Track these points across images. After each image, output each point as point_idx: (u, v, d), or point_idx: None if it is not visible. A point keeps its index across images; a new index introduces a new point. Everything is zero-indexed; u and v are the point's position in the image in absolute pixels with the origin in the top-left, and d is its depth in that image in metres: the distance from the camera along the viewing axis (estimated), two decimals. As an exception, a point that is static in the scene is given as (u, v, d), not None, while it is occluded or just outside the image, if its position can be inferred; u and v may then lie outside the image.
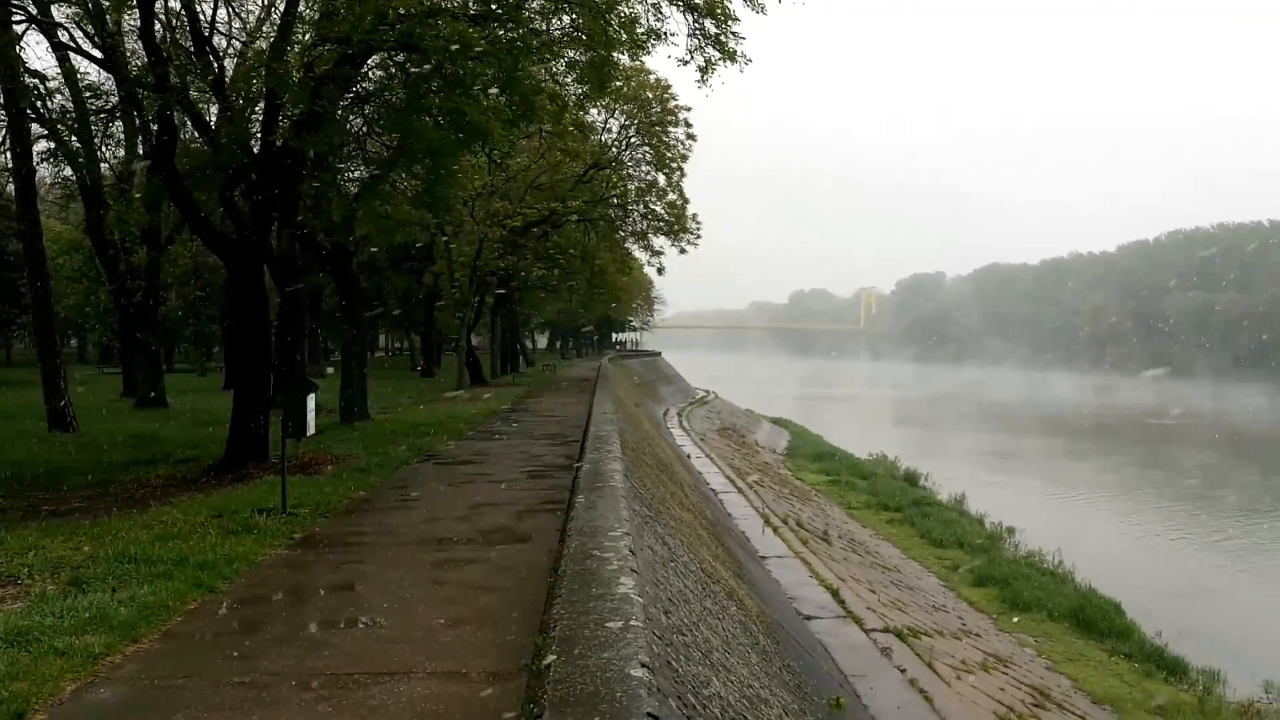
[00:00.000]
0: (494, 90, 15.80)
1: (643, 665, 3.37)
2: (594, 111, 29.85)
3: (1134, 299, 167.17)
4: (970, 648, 13.27)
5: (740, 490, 22.65)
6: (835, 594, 12.95)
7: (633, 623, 3.91)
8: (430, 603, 6.11)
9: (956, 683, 10.62)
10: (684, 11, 16.84)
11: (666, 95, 33.58)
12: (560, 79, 19.34)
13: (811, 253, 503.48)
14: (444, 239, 32.22)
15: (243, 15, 18.86)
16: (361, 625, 5.67)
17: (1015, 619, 16.47)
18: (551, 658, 3.52)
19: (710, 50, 16.94)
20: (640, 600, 4.34)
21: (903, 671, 10.02)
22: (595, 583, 4.67)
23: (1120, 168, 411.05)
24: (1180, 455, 57.13)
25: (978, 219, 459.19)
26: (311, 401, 9.95)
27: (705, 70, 17.17)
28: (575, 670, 3.34)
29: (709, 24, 16.69)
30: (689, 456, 27.58)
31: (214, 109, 15.90)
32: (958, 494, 30.31)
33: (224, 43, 17.39)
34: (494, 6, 15.38)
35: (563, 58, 18.11)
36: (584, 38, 16.52)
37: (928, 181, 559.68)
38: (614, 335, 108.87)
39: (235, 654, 5.07)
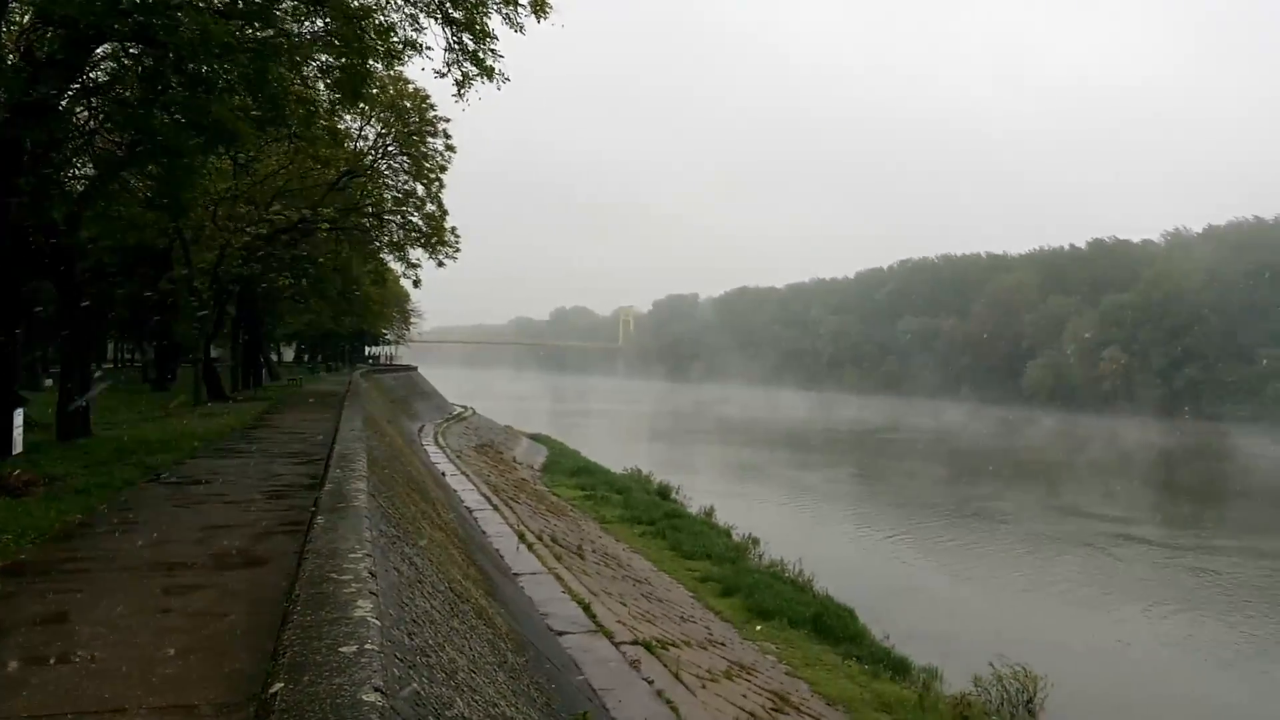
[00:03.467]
0: (239, 91, 15.00)
1: (376, 690, 3.25)
2: (349, 118, 28.94)
3: (869, 323, 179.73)
4: (716, 657, 13.72)
5: (496, 507, 22.47)
6: (587, 608, 13.06)
7: (368, 646, 3.77)
8: (154, 632, 5.65)
9: (702, 691, 10.93)
10: (442, 24, 16.68)
11: (425, 105, 32.99)
12: (312, 83, 18.63)
13: (574, 271, 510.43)
14: (180, 244, 30.17)
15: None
16: (74, 660, 5.14)
17: (759, 627, 17.21)
18: (279, 685, 3.33)
19: (468, 65, 16.85)
20: (378, 623, 4.20)
21: (651, 683, 10.21)
22: (331, 606, 4.47)
23: (858, 200, 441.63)
24: (901, 466, 62.22)
25: (729, 243, 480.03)
26: (19, 417, 9.03)
27: (462, 84, 17.06)
28: (304, 698, 3.17)
29: (467, 39, 16.60)
30: (444, 474, 27.10)
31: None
32: (707, 506, 31.43)
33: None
34: (241, 4, 14.62)
35: (315, 62, 17.48)
36: (337, 43, 16.02)
37: (682, 206, 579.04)
38: (368, 349, 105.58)
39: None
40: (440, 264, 37.09)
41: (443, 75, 17.21)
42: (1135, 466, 67.33)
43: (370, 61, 16.65)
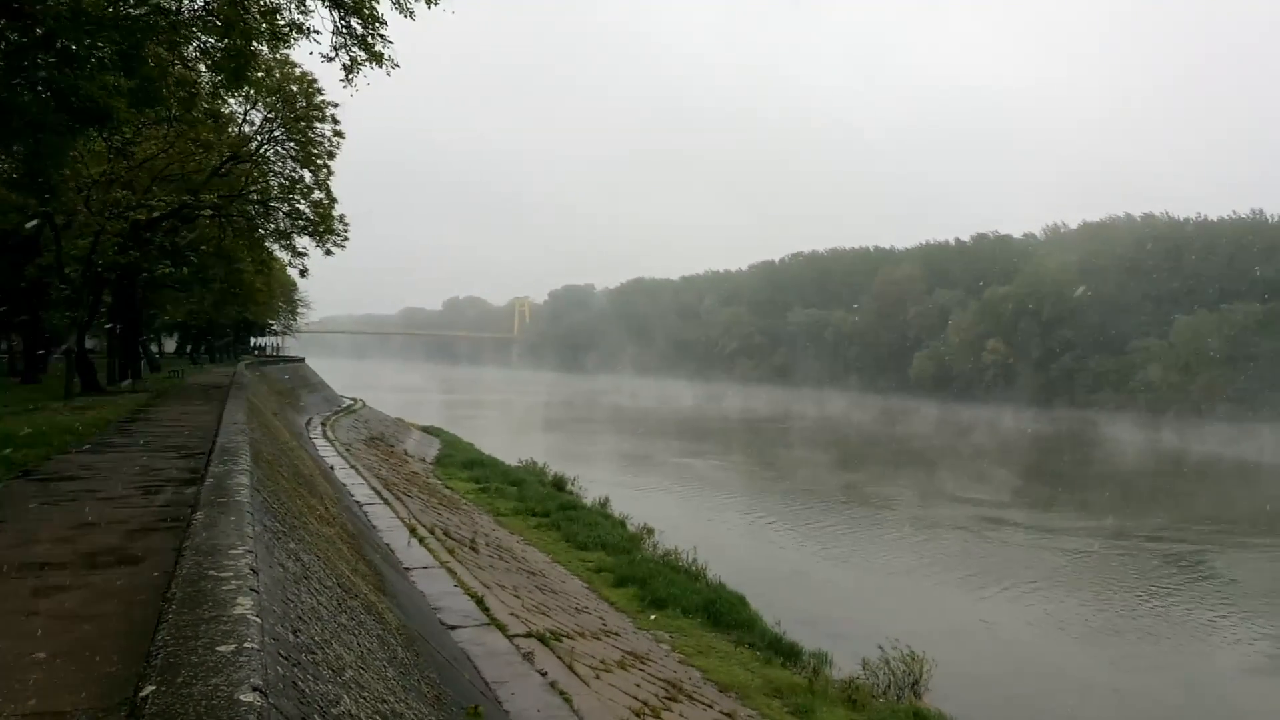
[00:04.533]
0: (112, 69, 14.33)
1: (254, 689, 3.15)
2: (233, 101, 27.99)
3: (761, 314, 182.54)
4: (610, 647, 13.77)
5: (387, 501, 22.09)
6: (480, 602, 12.95)
7: (247, 645, 3.65)
8: (19, 637, 5.36)
9: (596, 682, 10.95)
10: (330, 7, 16.25)
11: (313, 90, 32.08)
12: (192, 64, 17.96)
13: (467, 261, 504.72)
14: (50, 229, 28.74)
15: None
16: (-72, 671, 4.87)
17: (653, 616, 17.32)
18: (151, 688, 3.20)
19: (356, 50, 16.47)
20: (259, 620, 4.07)
21: (544, 675, 10.18)
22: (209, 604, 4.32)
23: (752, 194, 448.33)
24: (787, 454, 63.77)
25: (625, 234, 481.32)
26: None
27: (351, 69, 16.68)
28: (177, 700, 3.05)
29: (355, 23, 16.22)
30: (333, 468, 26.50)
31: None
32: (602, 497, 31.50)
33: None
34: (114, -23, 13.99)
35: (196, 42, 16.84)
36: (219, 24, 15.46)
37: (575, 197, 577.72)
38: (253, 340, 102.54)
39: None
40: (328, 252, 36.19)
41: (330, 59, 16.78)
42: (1008, 453, 70.34)
43: (254, 44, 16.13)
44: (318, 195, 35.28)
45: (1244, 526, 37.41)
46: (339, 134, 33.57)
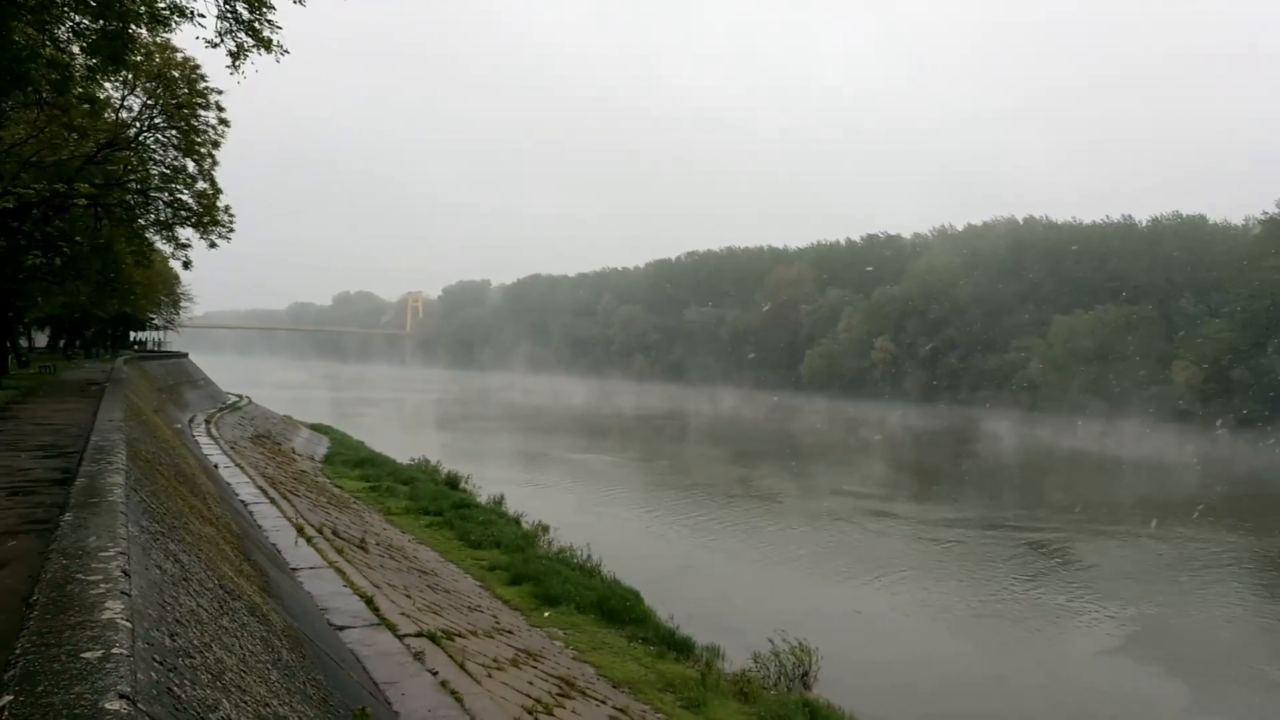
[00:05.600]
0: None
1: (122, 696, 3.02)
2: (109, 86, 26.84)
3: (658, 312, 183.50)
4: (503, 645, 13.68)
5: (273, 501, 21.52)
6: (370, 602, 12.73)
7: (115, 650, 3.50)
8: None
9: (488, 680, 10.86)
10: (214, -11, 15.73)
11: (196, 75, 30.90)
12: (65, 46, 17.15)
13: (359, 256, 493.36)
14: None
15: None
16: None
17: (546, 614, 17.28)
18: (8, 698, 3.03)
19: (243, 35, 15.94)
20: (129, 625, 3.90)
21: (435, 674, 10.06)
22: (75, 610, 4.13)
23: (650, 193, 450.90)
24: (679, 450, 64.66)
25: (522, 231, 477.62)
26: None
27: (237, 55, 16.14)
28: (36, 710, 2.90)
29: (241, 7, 15.70)
30: (217, 466, 25.70)
31: None
32: (496, 495, 31.30)
33: None
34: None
35: (68, 22, 16.10)
36: (94, 4, 14.80)
37: (474, 191, 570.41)
38: (133, 335, 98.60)
39: None
40: (213, 245, 34.95)
41: (215, 45, 16.21)
42: (892, 448, 72.59)
43: (133, 26, 15.50)
44: (201, 185, 34.04)
45: (1104, 515, 39.40)
46: (224, 122, 32.43)
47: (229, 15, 15.92)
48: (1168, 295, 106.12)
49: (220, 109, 32.01)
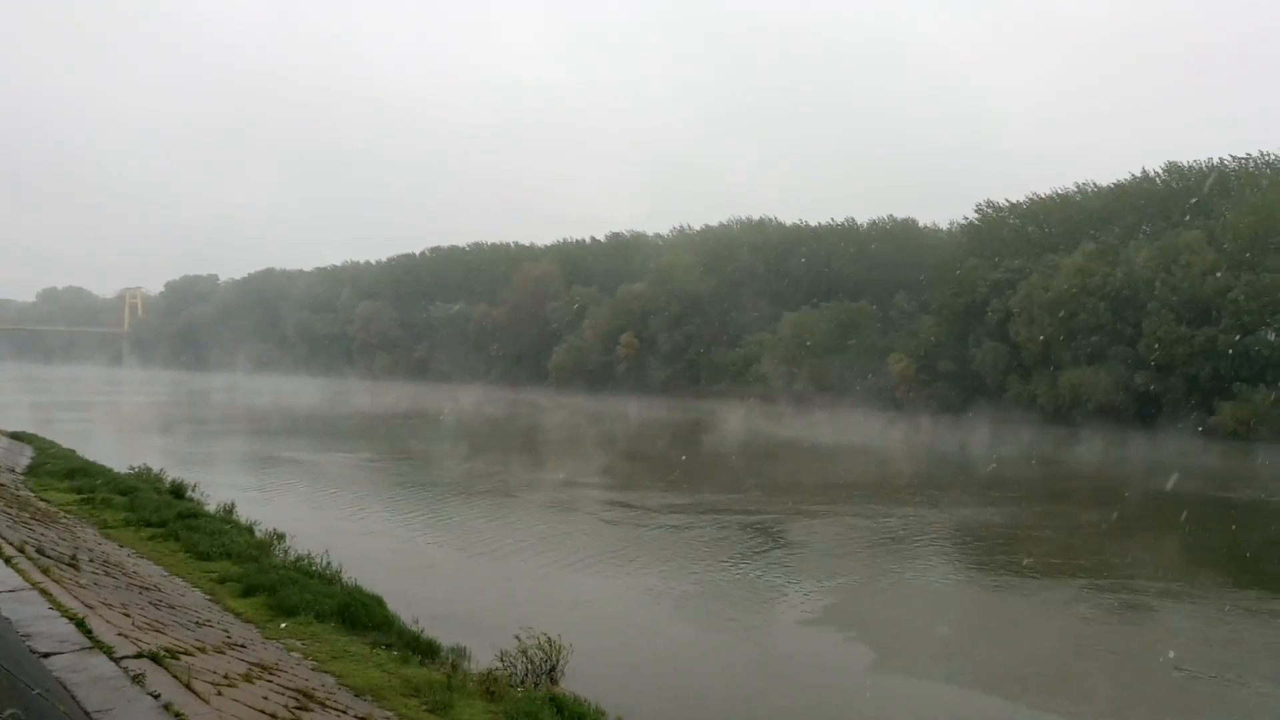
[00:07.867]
0: None
1: None
2: None
3: (401, 308, 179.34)
4: (235, 660, 13.17)
5: (-34, 519, 19.57)
6: (81, 624, 11.90)
7: None
8: None
9: (217, 699, 10.48)
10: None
11: None
12: None
13: (69, 248, 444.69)
14: None
15: None
16: None
17: (283, 625, 16.68)
18: None
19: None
20: None
21: (157, 697, 9.58)
22: None
23: (385, 185, 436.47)
24: (417, 448, 64.36)
25: (245, 223, 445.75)
26: None
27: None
28: None
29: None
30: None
31: None
32: (227, 503, 29.82)
33: None
34: None
35: None
36: None
37: (193, 179, 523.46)
38: None
39: None
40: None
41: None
42: (630, 440, 75.35)
43: None
44: None
45: (816, 498, 42.42)
46: None
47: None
48: (885, 293, 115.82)
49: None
